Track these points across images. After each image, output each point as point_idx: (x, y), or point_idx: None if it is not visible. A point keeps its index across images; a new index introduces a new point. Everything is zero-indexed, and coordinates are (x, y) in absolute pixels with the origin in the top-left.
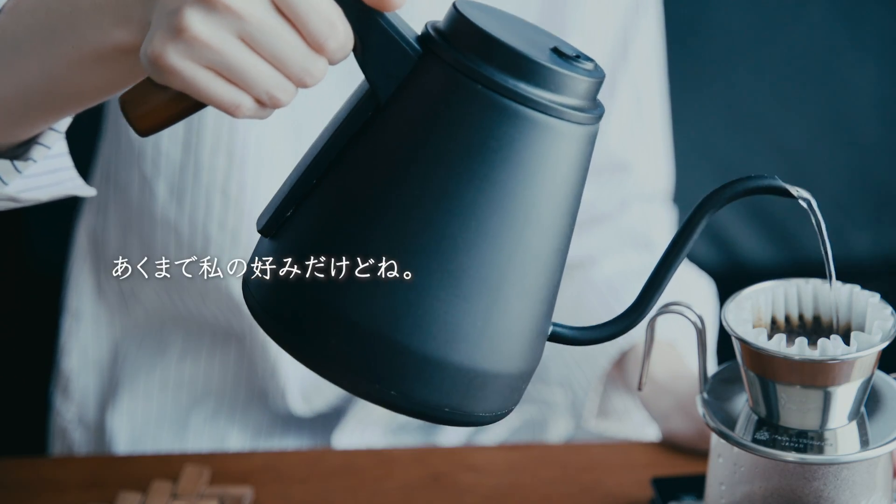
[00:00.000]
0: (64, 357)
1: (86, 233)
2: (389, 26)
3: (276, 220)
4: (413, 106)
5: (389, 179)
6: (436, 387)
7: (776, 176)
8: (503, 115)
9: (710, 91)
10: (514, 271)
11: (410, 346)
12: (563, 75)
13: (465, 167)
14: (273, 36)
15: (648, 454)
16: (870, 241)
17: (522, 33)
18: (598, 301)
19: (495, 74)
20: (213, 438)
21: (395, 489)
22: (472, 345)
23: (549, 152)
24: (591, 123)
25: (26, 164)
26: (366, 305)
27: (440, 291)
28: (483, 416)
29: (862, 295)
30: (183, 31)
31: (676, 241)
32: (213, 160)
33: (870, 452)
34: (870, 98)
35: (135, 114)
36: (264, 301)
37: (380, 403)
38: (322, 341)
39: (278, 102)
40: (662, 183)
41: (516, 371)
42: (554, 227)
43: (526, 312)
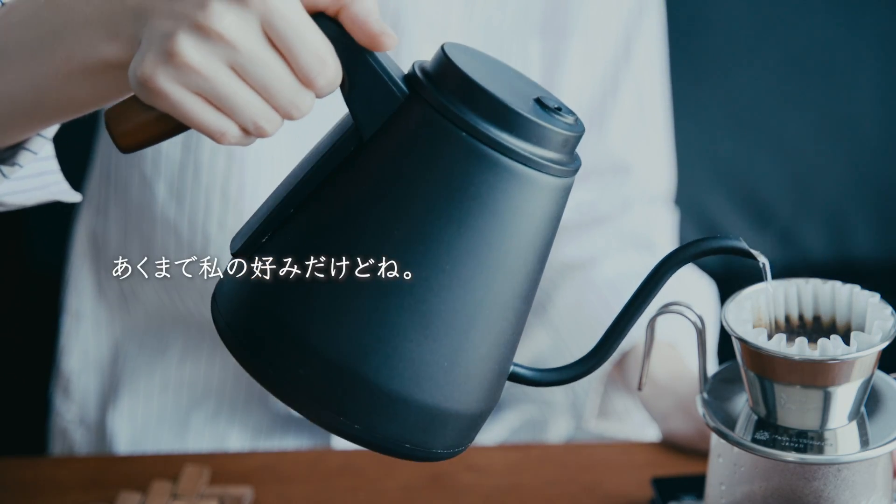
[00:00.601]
0: (64, 357)
1: (86, 233)
2: (378, 65)
3: (250, 246)
4: (395, 145)
5: (365, 217)
6: (399, 423)
7: (740, 237)
8: (483, 163)
9: (711, 91)
10: (482, 315)
11: (377, 382)
12: (542, 128)
13: (441, 211)
14: (264, 68)
15: (648, 454)
16: (870, 241)
17: (508, 82)
18: (599, 302)
19: (477, 122)
20: (214, 438)
21: (395, 489)
22: (437, 384)
23: (525, 202)
24: (568, 176)
25: (12, 169)
26: (336, 338)
27: (410, 331)
28: (440, 452)
29: (862, 295)
30: (175, 56)
31: (639, 293)
32: (213, 161)
33: (870, 452)
34: (870, 98)
35: (118, 130)
36: (233, 325)
37: (342, 435)
38: (289, 369)
39: (263, 132)
40: (664, 184)
41: (477, 410)
42: (523, 274)
43: (491, 355)
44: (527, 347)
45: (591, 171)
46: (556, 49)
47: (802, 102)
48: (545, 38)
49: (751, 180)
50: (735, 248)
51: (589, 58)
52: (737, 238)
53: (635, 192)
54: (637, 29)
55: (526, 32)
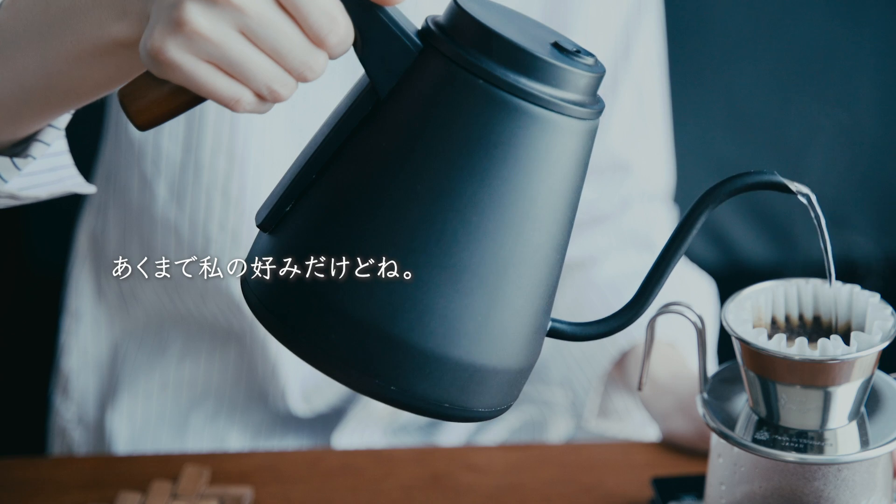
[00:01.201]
0: (64, 357)
1: (86, 233)
2: (390, 21)
3: (274, 215)
4: (413, 100)
5: (389, 175)
6: (435, 382)
7: (776, 171)
8: (503, 110)
9: (711, 90)
10: (513, 267)
11: (410, 342)
12: (563, 70)
13: (465, 162)
14: (273, 30)
15: (648, 454)
16: (870, 241)
17: (523, 28)
18: (599, 301)
19: (495, 69)
20: (213, 438)
21: (395, 489)
22: (471, 340)
23: (550, 147)
24: (592, 119)
25: (26, 162)
26: (365, 300)
27: (440, 287)
28: (482, 412)
29: (862, 295)
30: (183, 25)
31: (676, 236)
32: (214, 160)
33: (870, 452)
34: (870, 98)
35: (133, 108)
36: (262, 296)
37: (379, 399)
38: (321, 336)
39: (278, 96)
40: (663, 183)
41: (515, 366)
42: (553, 223)
43: (525, 308)
44: None
45: (590, 170)
46: None
47: (801, 102)
48: None
49: None
50: (772, 183)
51: None
52: (772, 173)
53: (635, 191)
54: (636, 28)
55: None
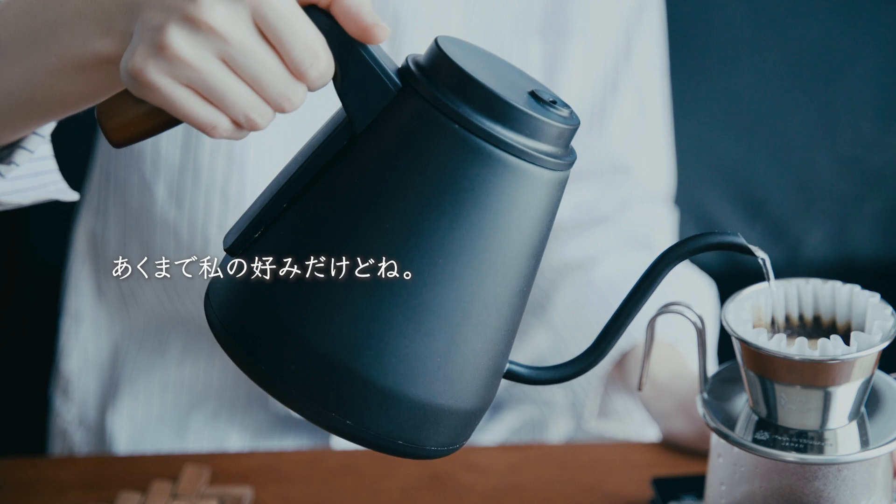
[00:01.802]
0: (64, 358)
1: (85, 234)
2: (371, 58)
3: (243, 241)
4: (388, 139)
5: (359, 211)
6: (392, 419)
7: (738, 233)
8: (476, 156)
9: (711, 91)
10: (476, 310)
11: (370, 378)
12: (537, 120)
13: (435, 205)
14: (255, 60)
15: (648, 454)
16: (870, 241)
17: (502, 75)
18: (599, 301)
19: (471, 115)
20: (213, 439)
21: (395, 489)
22: (430, 380)
23: (520, 195)
24: (563, 170)
25: (9, 168)
26: (328, 333)
27: (403, 326)
28: (434, 450)
29: (862, 295)
30: (165, 49)
31: (637, 289)
32: (213, 162)
33: (870, 452)
34: (870, 98)
35: (110, 125)
36: (224, 319)
37: (334, 432)
38: (281, 365)
39: (255, 126)
40: (663, 184)
41: (471, 407)
42: (518, 269)
43: (485, 351)
44: (527, 347)
45: (590, 171)
46: (557, 49)
47: (802, 102)
48: (545, 38)
49: (750, 180)
50: (733, 244)
51: (589, 58)
52: (735, 234)
53: (635, 192)
54: (637, 29)
55: (526, 33)
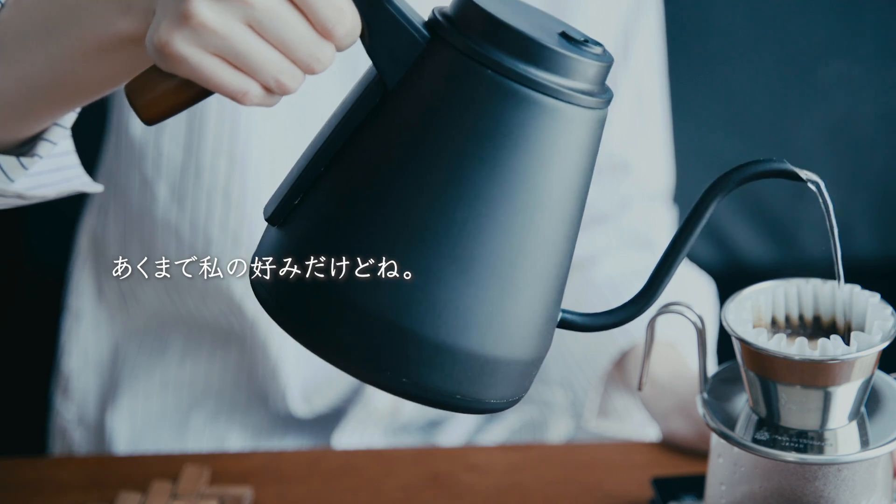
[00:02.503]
0: (64, 357)
1: (87, 234)
2: (397, 12)
3: (283, 209)
4: (421, 92)
5: (398, 167)
6: (447, 374)
7: (784, 160)
8: (512, 100)
9: (710, 90)
10: (524, 257)
11: (421, 334)
12: (572, 59)
13: (474, 152)
14: (280, 22)
15: (648, 454)
16: (870, 241)
17: (530, 18)
18: (598, 301)
19: (504, 59)
20: (213, 438)
21: (395, 489)
22: (483, 331)
23: (559, 137)
24: (601, 108)
25: (32, 161)
26: (376, 293)
27: (451, 278)
28: (494, 403)
29: (862, 295)
30: (190, 18)
31: (685, 227)
32: (215, 162)
33: (870, 452)
34: (870, 98)
35: (140, 102)
36: (271, 291)
37: (391, 391)
38: (332, 330)
39: (286, 89)
40: (663, 183)
41: (527, 357)
42: (563, 213)
43: (536, 299)
44: None
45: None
46: None
47: (802, 102)
48: None
49: None
50: (781, 171)
51: None
52: (781, 160)
53: (634, 191)
54: (636, 28)
55: None
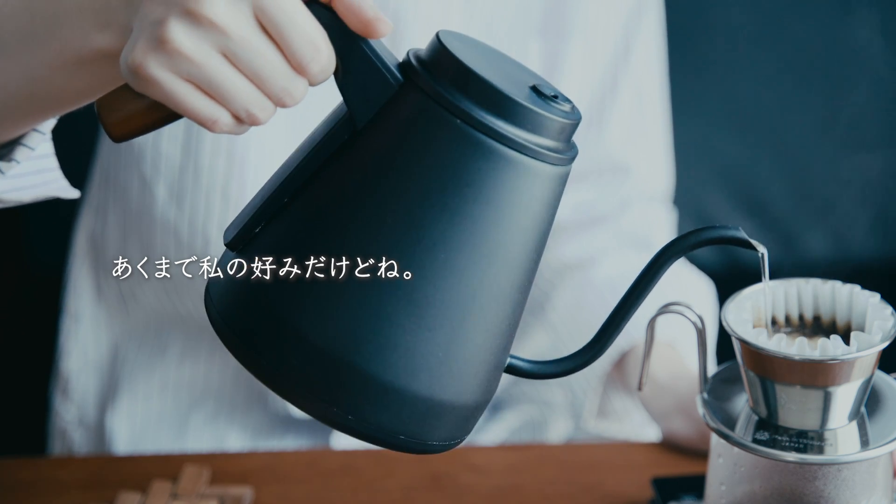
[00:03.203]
0: (63, 358)
1: (85, 235)
2: (372, 53)
3: (243, 236)
4: (390, 133)
5: (361, 206)
6: (393, 414)
7: (739, 227)
8: (478, 151)
9: (711, 91)
10: (478, 305)
11: (371, 373)
12: (539, 115)
13: (437, 199)
14: (256, 54)
15: (648, 454)
16: (870, 241)
17: (504, 69)
18: (598, 301)
19: (473, 109)
20: (213, 438)
21: (395, 489)
22: (432, 375)
23: (522, 190)
24: (564, 165)
25: (10, 166)
26: (329, 328)
27: (404, 320)
28: (435, 445)
29: (862, 295)
30: (165, 43)
31: (638, 283)
32: (214, 162)
33: (870, 452)
34: (870, 98)
35: (110, 119)
36: (225, 312)
37: (335, 427)
38: (281, 360)
39: (256, 120)
40: (663, 184)
41: (472, 402)
42: (520, 264)
43: (486, 345)
44: (526, 347)
45: (589, 171)
46: (556, 49)
47: (802, 102)
48: (545, 38)
49: (751, 180)
50: (734, 238)
51: (588, 58)
52: (736, 228)
53: (634, 192)
54: (636, 29)
55: (526, 32)
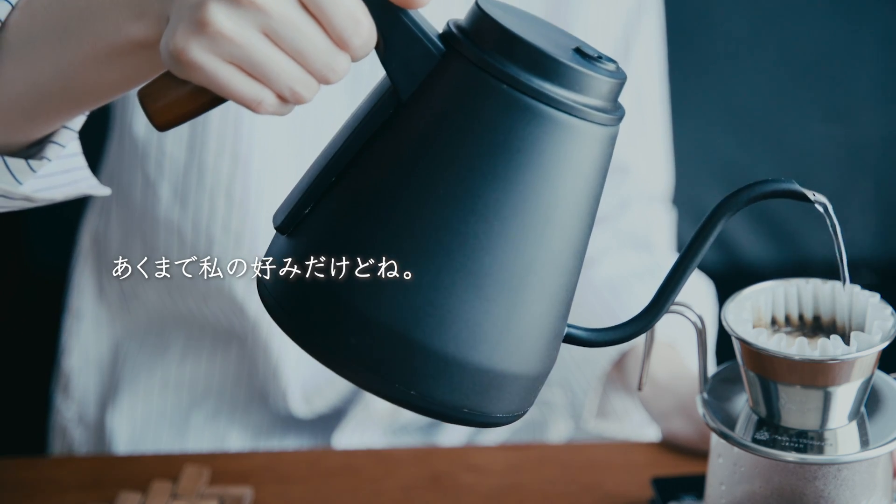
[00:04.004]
0: (65, 356)
1: (89, 234)
2: (413, 24)
3: (293, 218)
4: (435, 104)
5: (412, 179)
6: (455, 388)
7: (793, 180)
8: (527, 115)
9: (710, 91)
10: (534, 273)
11: (431, 347)
12: (586, 76)
13: (488, 166)
14: (297, 31)
15: (648, 454)
16: (870, 240)
17: (545, 33)
18: (597, 302)
19: (519, 73)
20: (213, 438)
21: (395, 489)
22: (492, 346)
23: (572, 153)
24: (613, 125)
25: (41, 163)
26: (387, 304)
27: (462, 292)
28: (500, 417)
29: (862, 295)
30: (206, 26)
31: (692, 244)
32: (218, 162)
33: (870, 452)
34: (870, 97)
35: (153, 108)
36: (281, 298)
37: (399, 403)
38: (341, 340)
39: (300, 98)
40: (662, 184)
41: (534, 372)
42: (574, 229)
43: (545, 314)
44: None
45: None
46: None
47: (802, 101)
48: None
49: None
50: (788, 191)
51: None
52: (789, 180)
53: (633, 192)
54: (636, 29)
55: None
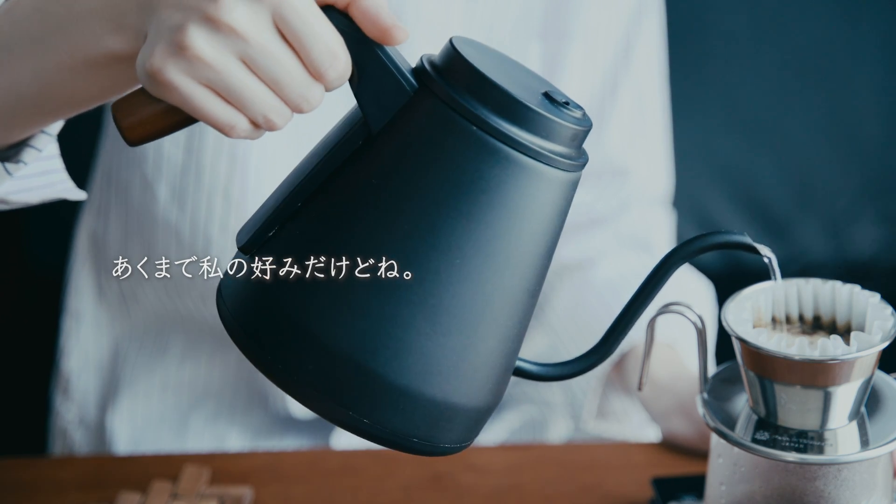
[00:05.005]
0: (64, 358)
1: (87, 235)
2: (388, 59)
3: (257, 239)
4: (404, 139)
5: (375, 210)
6: (408, 417)
7: (744, 232)
8: (493, 157)
9: (711, 92)
10: (491, 310)
11: (387, 377)
12: (553, 122)
13: (451, 204)
14: (274, 61)
15: (648, 454)
16: (870, 241)
17: (516, 76)
18: (597, 302)
19: (488, 116)
20: (213, 439)
21: (395, 489)
22: (445, 379)
23: (535, 196)
24: (576, 171)
25: (17, 167)
26: (345, 332)
27: (420, 325)
28: (447, 447)
29: (862, 295)
30: (185, 49)
31: (644, 287)
32: (215, 163)
33: (870, 452)
34: (870, 97)
35: (126, 123)
36: (239, 316)
37: (351, 430)
38: (296, 363)
39: (273, 126)
40: (662, 186)
41: (483, 405)
42: (531, 268)
43: (498, 350)
44: (525, 348)
45: (589, 174)
46: (557, 52)
47: (802, 102)
48: (545, 40)
49: (751, 180)
50: (739, 243)
51: (589, 61)
52: (741, 233)
53: (633, 194)
54: (637, 32)
55: (526, 35)
